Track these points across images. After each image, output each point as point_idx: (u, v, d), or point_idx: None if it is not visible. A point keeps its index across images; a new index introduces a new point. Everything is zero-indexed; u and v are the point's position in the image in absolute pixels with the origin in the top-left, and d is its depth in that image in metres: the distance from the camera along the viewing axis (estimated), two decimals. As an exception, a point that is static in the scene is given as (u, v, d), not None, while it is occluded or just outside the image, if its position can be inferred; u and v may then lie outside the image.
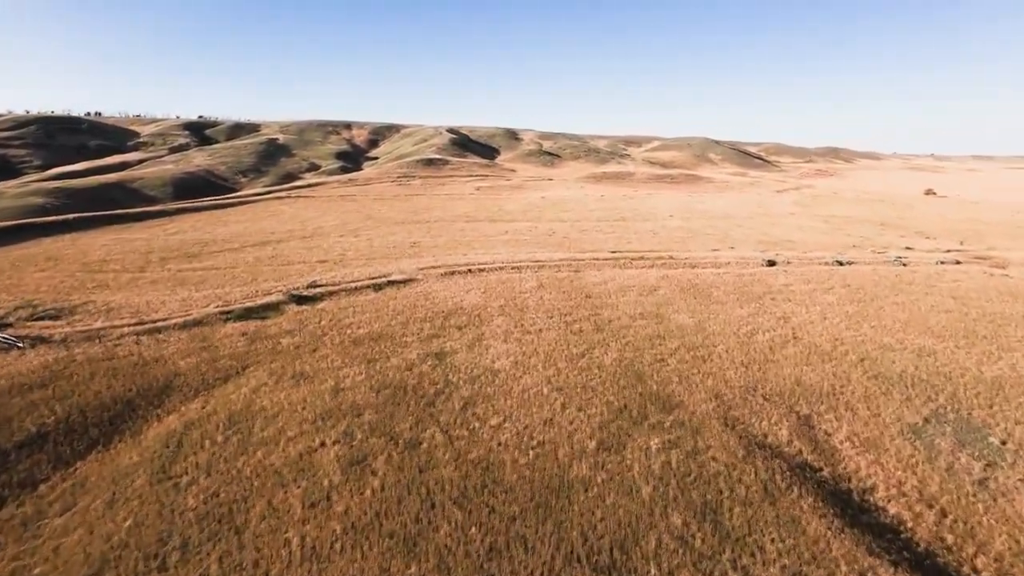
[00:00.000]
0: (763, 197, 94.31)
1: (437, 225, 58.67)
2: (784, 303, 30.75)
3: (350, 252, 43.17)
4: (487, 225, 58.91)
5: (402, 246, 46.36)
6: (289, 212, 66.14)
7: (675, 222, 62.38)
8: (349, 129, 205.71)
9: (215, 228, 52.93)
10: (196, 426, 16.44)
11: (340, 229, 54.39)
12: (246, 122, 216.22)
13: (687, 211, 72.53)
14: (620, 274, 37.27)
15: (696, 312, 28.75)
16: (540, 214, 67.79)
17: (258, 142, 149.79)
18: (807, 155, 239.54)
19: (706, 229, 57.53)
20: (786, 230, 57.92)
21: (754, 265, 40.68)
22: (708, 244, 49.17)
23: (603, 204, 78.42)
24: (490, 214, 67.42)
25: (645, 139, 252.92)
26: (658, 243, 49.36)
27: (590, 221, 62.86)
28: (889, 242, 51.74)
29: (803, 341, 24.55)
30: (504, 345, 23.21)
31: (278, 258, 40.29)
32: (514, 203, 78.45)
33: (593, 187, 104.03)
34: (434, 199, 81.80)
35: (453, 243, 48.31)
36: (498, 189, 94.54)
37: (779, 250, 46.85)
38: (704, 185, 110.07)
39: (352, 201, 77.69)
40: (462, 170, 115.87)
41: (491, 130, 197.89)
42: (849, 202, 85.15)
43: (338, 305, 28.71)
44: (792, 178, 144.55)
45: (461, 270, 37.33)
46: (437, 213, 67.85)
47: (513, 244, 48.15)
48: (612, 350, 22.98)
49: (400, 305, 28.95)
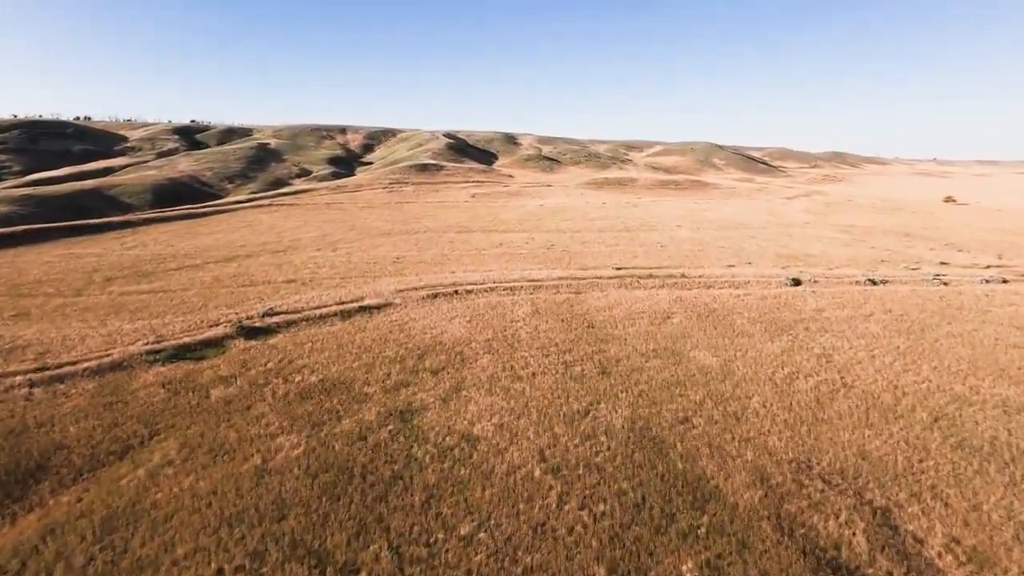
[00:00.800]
0: (773, 204, 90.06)
1: (426, 236, 54.34)
2: (820, 334, 26.33)
3: (324, 269, 38.77)
4: (480, 236, 54.57)
5: (384, 261, 41.97)
6: (268, 222, 61.82)
7: (684, 233, 58.04)
8: (344, 134, 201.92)
9: (181, 241, 48.56)
10: (56, 536, 11.98)
11: (318, 242, 50.01)
12: (239, 126, 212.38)
13: (695, 220, 68.22)
14: (627, 296, 32.87)
15: (719, 348, 24.32)
16: (538, 224, 63.47)
17: (248, 147, 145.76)
18: (812, 160, 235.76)
19: (718, 241, 53.18)
20: (804, 242, 53.54)
21: (777, 285, 36.28)
22: (722, 259, 44.80)
23: (605, 212, 74.12)
24: (484, 224, 63.10)
25: (647, 144, 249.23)
26: (667, 258, 44.99)
27: (591, 232, 58.53)
28: (919, 256, 47.37)
29: (855, 389, 20.09)
30: (488, 398, 18.75)
31: (241, 277, 35.88)
32: (510, 211, 74.16)
33: (594, 194, 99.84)
34: (426, 207, 77.51)
35: (441, 258, 43.94)
36: (494, 196, 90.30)
37: (801, 266, 42.47)
38: (710, 191, 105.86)
39: (338, 209, 73.39)
40: (457, 176, 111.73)
41: (489, 134, 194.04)
42: (866, 210, 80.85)
43: (294, 340, 24.28)
44: (800, 184, 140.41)
45: (446, 292, 32.94)
46: (427, 222, 63.55)
47: (507, 259, 43.78)
48: (622, 404, 18.53)
49: (368, 339, 24.52)
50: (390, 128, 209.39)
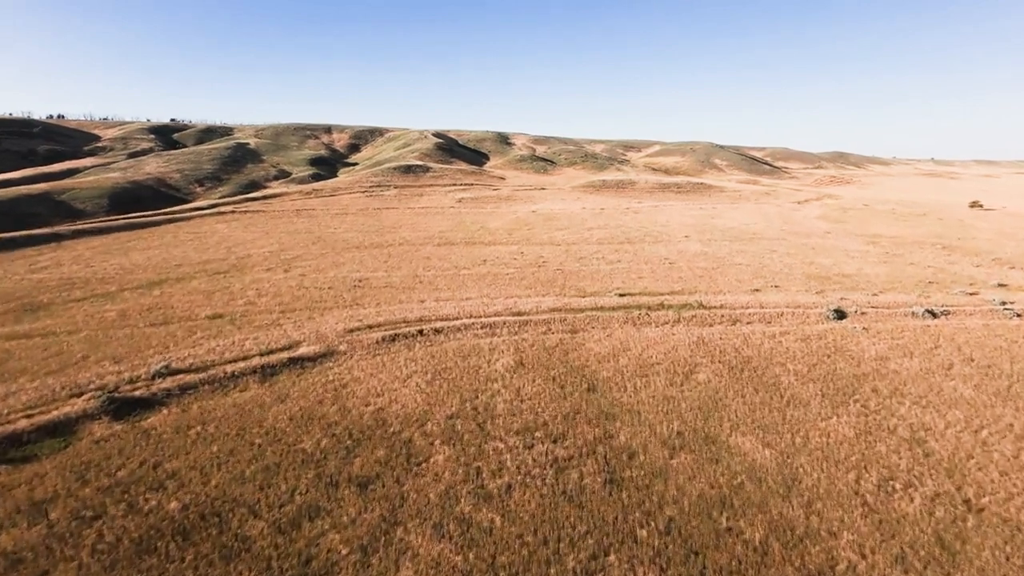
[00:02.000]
0: (784, 210, 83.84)
1: (400, 250, 47.67)
2: (897, 402, 19.88)
3: (264, 299, 32.03)
4: (462, 251, 47.94)
5: (342, 286, 35.27)
6: (223, 233, 54.96)
7: (693, 245, 51.60)
8: (329, 133, 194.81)
9: (108, 259, 41.64)
10: None
11: (272, 259, 43.24)
12: (219, 125, 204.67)
13: (704, 229, 61.82)
14: (635, 337, 26.33)
15: (768, 427, 17.82)
16: (529, 234, 56.90)
17: (224, 147, 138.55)
18: (815, 160, 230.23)
19: (734, 256, 46.74)
20: (833, 257, 47.17)
21: (817, 318, 29.84)
22: (743, 280, 38.36)
23: (604, 220, 67.62)
24: (468, 234, 56.48)
25: (644, 143, 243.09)
26: (678, 278, 38.51)
27: (589, 244, 52.02)
28: (970, 276, 41.07)
29: (989, 516, 13.61)
30: (435, 546, 12.13)
31: (155, 311, 29.08)
32: (499, 219, 67.54)
33: (591, 198, 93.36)
34: (406, 214, 70.78)
35: (412, 280, 37.29)
36: (483, 201, 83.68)
37: (838, 290, 36.08)
38: (715, 195, 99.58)
39: (307, 217, 66.57)
40: (445, 178, 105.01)
41: (480, 134, 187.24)
42: (887, 217, 74.69)
43: (181, 420, 17.60)
44: (808, 186, 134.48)
45: (409, 332, 26.32)
46: (405, 232, 56.86)
47: (490, 281, 37.18)
48: (644, 557, 11.98)
49: (285, 417, 17.88)
50: (378, 127, 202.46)
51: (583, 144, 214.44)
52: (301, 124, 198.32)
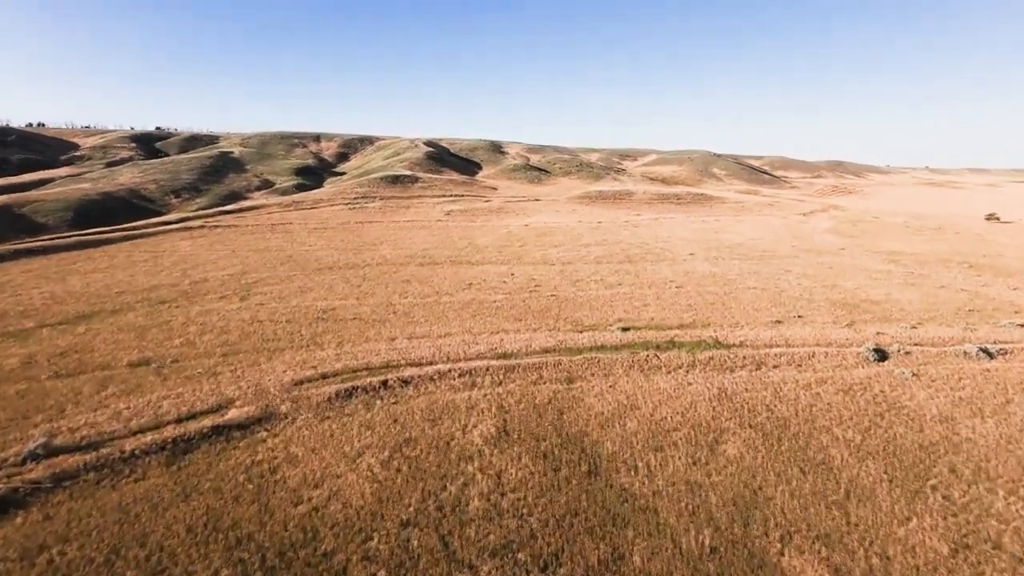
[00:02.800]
0: (790, 222, 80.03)
1: (377, 272, 43.20)
2: (986, 489, 15.52)
3: (208, 336, 27.45)
4: (446, 272, 43.53)
5: (303, 319, 30.74)
6: (184, 251, 50.32)
7: (700, 264, 47.38)
8: (318, 142, 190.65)
9: (40, 285, 36.94)
10: None
11: (231, 283, 38.67)
12: (205, 134, 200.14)
13: (709, 245, 57.70)
14: (644, 388, 21.94)
15: (831, 537, 13.41)
16: (520, 251, 52.58)
17: (206, 156, 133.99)
18: (814, 169, 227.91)
19: (746, 277, 42.53)
20: (854, 279, 43.03)
21: (856, 359, 25.56)
22: (760, 307, 34.11)
23: (601, 235, 63.43)
24: (455, 251, 52.10)
25: (641, 152, 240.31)
26: (687, 306, 34.21)
27: (587, 263, 47.74)
28: (1011, 301, 36.98)
29: None
30: None
31: (70, 356, 24.44)
32: (489, 234, 63.25)
33: (587, 209, 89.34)
34: (389, 228, 66.38)
35: (385, 310, 32.81)
36: (473, 213, 79.43)
37: (871, 321, 31.85)
38: (716, 207, 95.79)
39: (283, 232, 62.03)
40: (434, 189, 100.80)
41: (473, 142, 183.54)
42: (901, 231, 70.89)
43: (35, 535, 13.00)
44: (810, 196, 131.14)
45: (370, 383, 21.82)
46: (385, 250, 52.43)
47: (474, 311, 32.74)
48: None
49: (182, 529, 13.31)
50: (368, 136, 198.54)
51: (578, 153, 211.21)
52: (289, 133, 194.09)
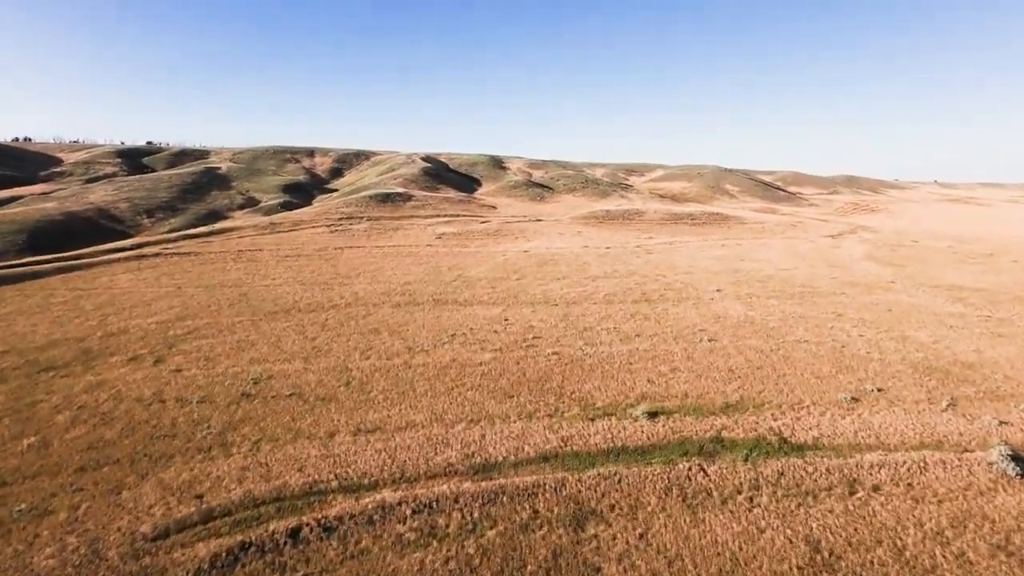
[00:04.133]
0: (820, 246, 72.57)
1: (342, 317, 35.92)
2: None
3: (76, 431, 20.04)
4: (426, 316, 36.20)
5: (224, 397, 23.35)
6: (120, 289, 43.17)
7: (731, 305, 39.90)
8: (311, 157, 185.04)
9: (-89, 340, 29.77)
10: None
11: (154, 336, 31.39)
12: (195, 148, 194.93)
13: (737, 277, 50.23)
14: (693, 543, 14.39)
15: None
16: (518, 286, 45.22)
17: (189, 172, 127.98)
18: (829, 185, 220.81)
19: (792, 324, 34.98)
20: (925, 326, 35.37)
21: (987, 474, 17.92)
22: (823, 373, 26.55)
23: (611, 264, 56.08)
24: (441, 287, 44.80)
25: (647, 167, 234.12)
26: (729, 372, 26.68)
27: (595, 302, 40.33)
28: None
29: None
30: None
31: None
32: (483, 262, 56.00)
33: (594, 231, 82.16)
34: (372, 255, 59.24)
35: (336, 381, 25.40)
36: (467, 237, 72.32)
37: (980, 399, 24.17)
38: (734, 228, 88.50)
39: (247, 261, 54.93)
40: (427, 208, 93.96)
41: (473, 157, 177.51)
42: (950, 258, 63.28)
43: None
44: (832, 215, 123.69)
45: (272, 537, 14.34)
46: (360, 285, 45.18)
47: (452, 382, 25.31)
48: None
49: None
50: (364, 151, 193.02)
51: (582, 168, 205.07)
52: (282, 147, 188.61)
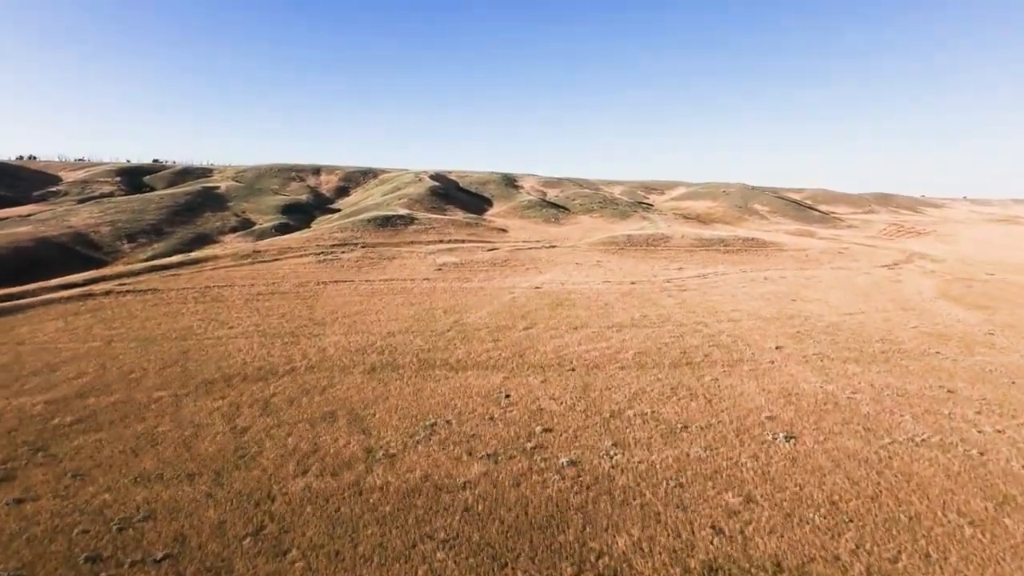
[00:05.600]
0: (878, 279, 63.37)
1: (297, 388, 28.02)
2: None
3: None
4: (403, 390, 28.12)
5: (55, 561, 15.41)
6: (32, 345, 35.82)
7: (799, 372, 31.21)
8: (317, 175, 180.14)
9: None
10: None
11: (22, 432, 23.71)
12: (198, 167, 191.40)
13: (795, 325, 41.44)
14: None
15: None
16: (525, 340, 37.02)
17: (184, 192, 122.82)
18: (862, 203, 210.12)
19: (893, 410, 26.17)
20: (1075, 411, 26.38)
21: None
22: (978, 518, 17.82)
23: (638, 306, 47.65)
24: (430, 340, 36.79)
25: (667, 185, 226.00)
26: (829, 507, 18.04)
27: (622, 367, 31.93)
28: None
29: None
30: None
31: None
32: (486, 303, 47.97)
33: (615, 260, 73.84)
34: (358, 292, 51.56)
35: (244, 516, 17.31)
36: (471, 268, 64.48)
37: None
38: (774, 256, 79.53)
39: (211, 301, 47.54)
40: (430, 233, 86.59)
41: (484, 175, 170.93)
42: (1043, 296, 53.76)
43: None
44: (878, 239, 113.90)
45: None
46: (333, 337, 37.38)
47: (416, 530, 17.03)
48: None
49: None
50: (372, 168, 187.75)
51: (599, 186, 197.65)
52: (287, 165, 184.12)
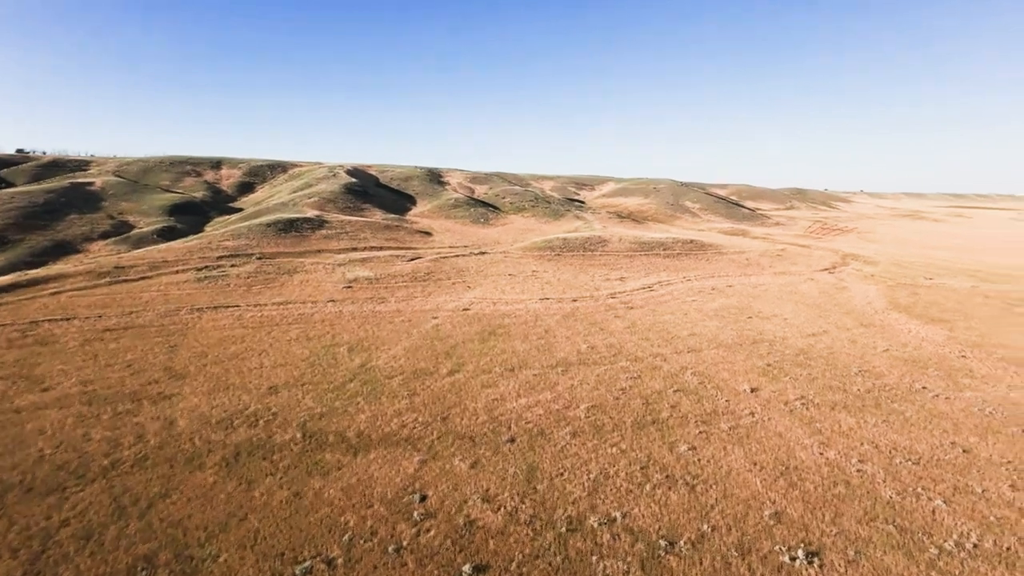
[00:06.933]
0: (823, 287, 60.97)
1: (109, 503, 18.97)
2: None
3: None
4: (269, 502, 19.78)
5: None
6: None
7: (787, 428, 25.73)
8: (217, 169, 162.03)
9: None
10: None
11: None
12: (73, 158, 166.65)
13: (761, 353, 36.48)
14: None
15: None
16: (449, 393, 29.37)
17: (45, 190, 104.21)
18: (784, 199, 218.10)
19: (917, 489, 20.99)
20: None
21: None
22: None
23: (583, 332, 41.23)
24: (325, 398, 28.29)
25: (598, 180, 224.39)
26: None
27: (575, 433, 25.13)
28: None
29: None
30: None
31: None
32: (403, 334, 39.82)
33: (552, 269, 67.48)
34: (240, 325, 41.71)
35: None
36: (388, 284, 55.79)
37: None
38: (714, 260, 76.25)
39: (35, 345, 36.21)
40: (342, 238, 76.53)
41: (408, 170, 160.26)
42: (988, 304, 52.59)
43: None
44: (805, 238, 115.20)
45: None
46: (189, 401, 28.01)
47: None
48: None
49: None
50: (282, 162, 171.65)
51: (530, 182, 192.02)
52: (181, 157, 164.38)
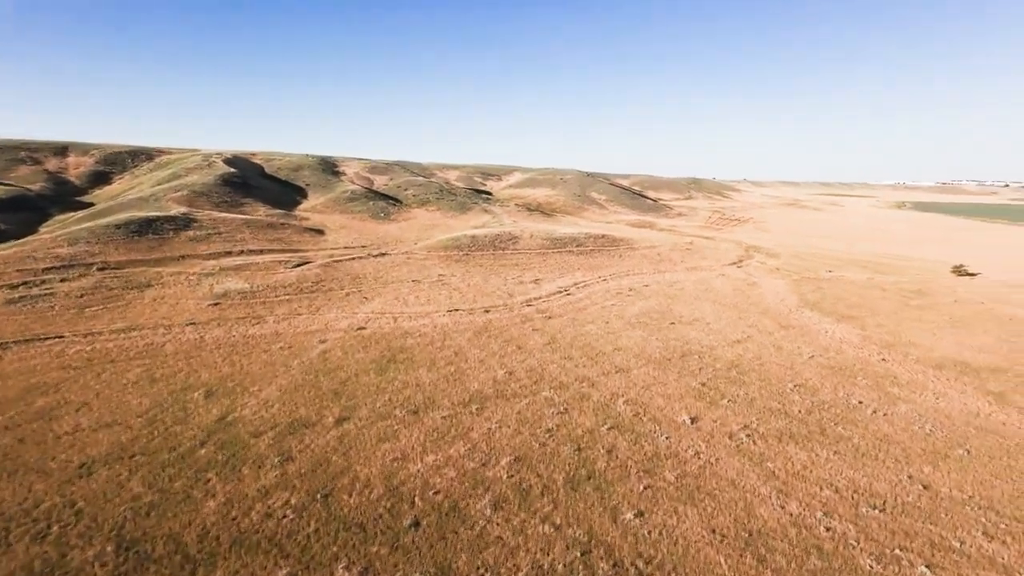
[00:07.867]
0: (736, 284, 60.77)
1: None
2: None
3: None
4: None
5: None
6: None
7: (740, 475, 22.41)
8: (63, 155, 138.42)
9: None
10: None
11: None
12: None
13: (691, 370, 33.54)
14: None
15: None
16: (335, 456, 23.12)
17: None
18: (682, 189, 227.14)
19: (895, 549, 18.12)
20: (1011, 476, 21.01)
21: None
22: None
23: (498, 354, 36.31)
24: (161, 477, 20.95)
25: (504, 170, 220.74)
26: None
27: (493, 502, 20.08)
28: None
29: None
30: None
31: None
32: (281, 368, 32.60)
33: (460, 272, 61.92)
34: (60, 364, 32.24)
35: None
36: (267, 298, 47.47)
37: None
38: (627, 256, 74.51)
39: None
40: (215, 240, 65.81)
41: (298, 159, 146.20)
42: (887, 298, 54.36)
43: None
44: (708, 229, 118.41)
45: None
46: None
47: None
48: None
49: None
50: (146, 148, 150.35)
51: (434, 171, 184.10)
52: (15, 141, 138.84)
